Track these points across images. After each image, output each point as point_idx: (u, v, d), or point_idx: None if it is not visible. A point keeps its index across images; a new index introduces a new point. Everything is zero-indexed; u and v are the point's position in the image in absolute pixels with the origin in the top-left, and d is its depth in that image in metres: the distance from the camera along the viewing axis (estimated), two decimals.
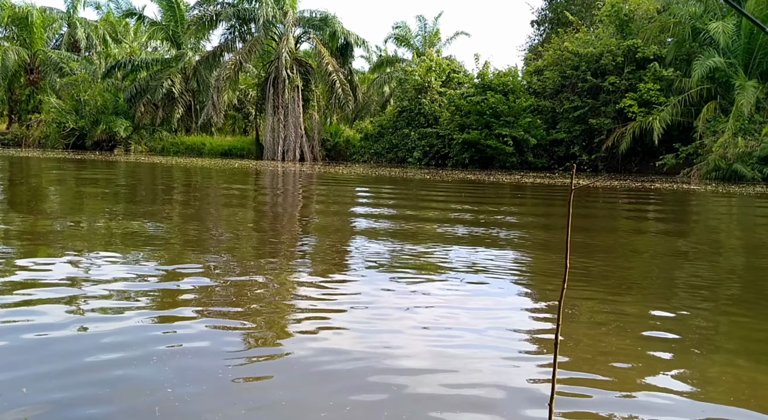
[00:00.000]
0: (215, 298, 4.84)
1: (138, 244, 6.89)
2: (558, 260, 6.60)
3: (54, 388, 3.03)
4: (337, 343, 3.79)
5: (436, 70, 34.04)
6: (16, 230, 7.85)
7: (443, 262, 6.26)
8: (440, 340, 3.99)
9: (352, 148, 35.86)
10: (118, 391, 3.03)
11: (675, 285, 5.73)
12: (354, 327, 4.15)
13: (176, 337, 3.81)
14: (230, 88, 34.79)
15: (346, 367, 3.41)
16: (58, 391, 2.97)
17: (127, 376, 3.22)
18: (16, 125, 42.25)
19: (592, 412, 2.92)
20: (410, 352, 3.69)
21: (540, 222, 10.99)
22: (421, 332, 4.12)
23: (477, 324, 4.31)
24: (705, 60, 25.42)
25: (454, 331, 4.16)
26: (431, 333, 4.10)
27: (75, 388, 3.02)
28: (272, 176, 22.32)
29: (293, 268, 6.00)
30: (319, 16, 35.00)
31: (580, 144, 30.10)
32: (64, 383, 3.06)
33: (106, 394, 2.98)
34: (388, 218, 10.41)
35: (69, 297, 4.69)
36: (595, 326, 4.28)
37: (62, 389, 3.00)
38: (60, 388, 3.01)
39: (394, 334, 4.02)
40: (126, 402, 2.91)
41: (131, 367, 3.33)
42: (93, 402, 2.90)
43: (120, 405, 2.91)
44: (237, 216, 10.33)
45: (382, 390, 3.12)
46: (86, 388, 3.05)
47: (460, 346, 3.85)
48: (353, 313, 4.45)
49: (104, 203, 11.25)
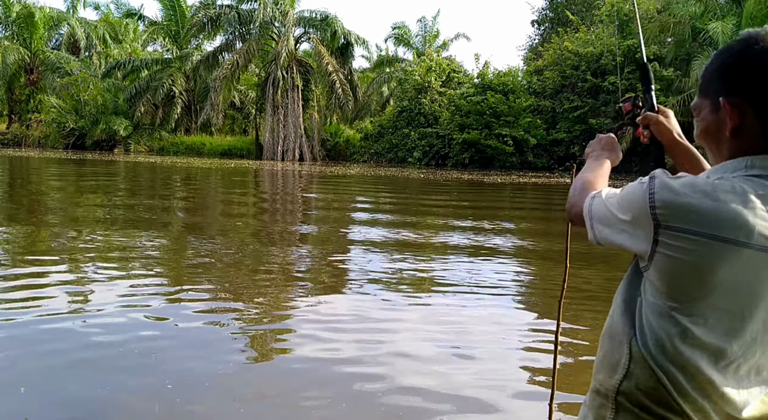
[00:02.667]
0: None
1: (128, 264, 6.86)
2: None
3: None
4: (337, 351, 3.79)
5: (436, 70, 33.99)
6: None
7: (443, 276, 6.19)
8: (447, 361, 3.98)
9: (352, 148, 35.80)
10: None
11: None
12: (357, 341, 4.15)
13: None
14: (228, 88, 34.69)
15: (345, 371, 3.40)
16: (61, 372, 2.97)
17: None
18: (16, 125, 42.19)
19: None
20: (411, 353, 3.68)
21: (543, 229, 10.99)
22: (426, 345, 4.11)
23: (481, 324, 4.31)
24: (704, 60, 25.42)
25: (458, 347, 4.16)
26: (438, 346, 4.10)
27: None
28: (267, 178, 22.29)
29: (288, 285, 6.00)
30: (320, 16, 34.93)
31: (580, 144, 30.07)
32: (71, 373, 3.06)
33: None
34: (387, 226, 10.41)
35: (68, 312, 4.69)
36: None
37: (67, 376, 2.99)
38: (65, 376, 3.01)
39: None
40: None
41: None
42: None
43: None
44: (231, 231, 10.32)
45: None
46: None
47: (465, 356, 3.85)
48: (356, 325, 4.44)
49: (101, 212, 11.24)
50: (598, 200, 1.13)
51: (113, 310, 4.29)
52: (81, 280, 5.20)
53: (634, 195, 1.03)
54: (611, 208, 1.08)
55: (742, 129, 1.04)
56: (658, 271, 0.99)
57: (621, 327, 1.04)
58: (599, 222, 1.10)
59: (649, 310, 1.01)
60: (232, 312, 4.45)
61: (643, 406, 0.99)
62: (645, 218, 1.00)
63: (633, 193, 1.04)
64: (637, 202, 1.02)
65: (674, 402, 0.96)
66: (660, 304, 0.99)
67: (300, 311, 4.54)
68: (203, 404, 2.90)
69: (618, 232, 1.06)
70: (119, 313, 4.26)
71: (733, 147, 1.06)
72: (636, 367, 1.00)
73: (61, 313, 4.20)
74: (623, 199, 1.06)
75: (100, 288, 4.97)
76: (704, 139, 1.13)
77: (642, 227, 1.01)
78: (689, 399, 0.96)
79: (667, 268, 0.98)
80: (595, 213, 1.11)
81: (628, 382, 1.01)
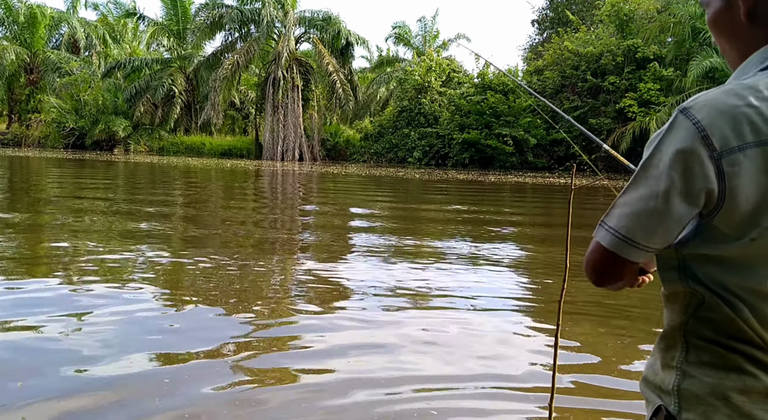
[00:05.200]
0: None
1: (124, 276, 6.87)
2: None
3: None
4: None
5: (436, 70, 33.99)
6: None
7: (443, 286, 6.16)
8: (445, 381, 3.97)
9: (352, 148, 35.80)
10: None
11: None
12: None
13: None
14: (228, 88, 34.68)
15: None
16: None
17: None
18: (16, 125, 42.17)
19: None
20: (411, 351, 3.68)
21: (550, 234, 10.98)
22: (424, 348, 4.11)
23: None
24: (702, 60, 25.40)
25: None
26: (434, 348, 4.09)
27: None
28: (265, 179, 22.30)
29: (289, 298, 5.99)
30: (322, 16, 34.93)
31: (580, 144, 30.06)
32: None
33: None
34: (386, 232, 10.40)
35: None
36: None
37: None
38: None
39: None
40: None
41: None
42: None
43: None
44: (227, 240, 10.31)
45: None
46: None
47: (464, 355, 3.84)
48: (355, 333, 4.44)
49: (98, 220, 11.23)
50: (614, 213, 0.92)
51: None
52: (67, 295, 5.18)
53: (671, 142, 0.86)
54: (635, 195, 0.89)
55: (758, 11, 0.88)
56: (731, 208, 0.85)
57: (674, 278, 0.95)
58: (634, 222, 0.89)
59: (697, 259, 0.91)
60: (229, 319, 4.44)
61: (713, 340, 0.92)
62: (698, 158, 0.84)
63: (669, 144, 0.86)
64: (679, 147, 0.85)
65: (745, 332, 0.89)
66: (713, 247, 0.89)
67: (300, 321, 4.53)
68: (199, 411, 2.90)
69: (668, 209, 0.86)
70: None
71: (751, 36, 0.90)
72: (700, 302, 0.92)
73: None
74: (650, 166, 0.88)
75: (88, 297, 4.96)
76: (717, 34, 0.96)
77: (697, 174, 0.84)
78: (758, 329, 0.89)
79: (741, 199, 0.84)
80: (622, 221, 0.90)
81: (694, 320, 0.93)
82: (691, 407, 0.92)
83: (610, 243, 0.91)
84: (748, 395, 0.89)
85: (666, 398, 0.95)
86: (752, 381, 0.89)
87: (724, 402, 0.90)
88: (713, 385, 0.91)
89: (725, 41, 0.95)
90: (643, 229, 0.89)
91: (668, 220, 0.87)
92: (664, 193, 0.86)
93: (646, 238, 0.89)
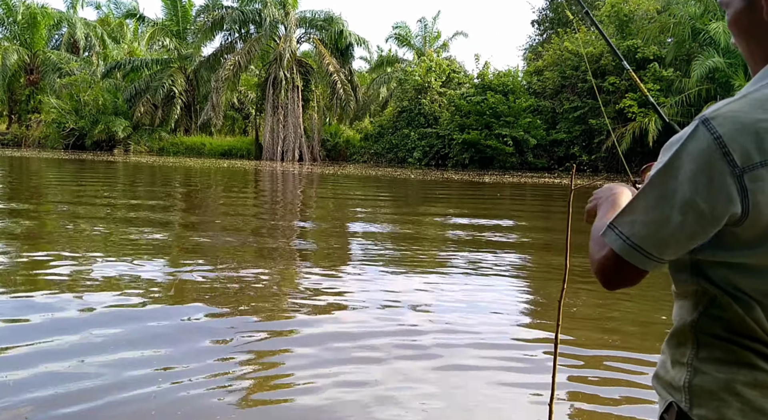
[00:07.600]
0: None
1: (120, 285, 6.86)
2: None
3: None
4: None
5: (436, 70, 33.97)
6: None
7: (443, 293, 6.16)
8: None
9: (352, 148, 35.78)
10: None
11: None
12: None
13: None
14: (229, 88, 34.67)
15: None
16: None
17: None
18: (16, 125, 42.17)
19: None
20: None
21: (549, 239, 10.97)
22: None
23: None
24: (704, 60, 25.39)
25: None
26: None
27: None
28: (262, 180, 22.30)
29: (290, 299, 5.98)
30: (323, 16, 34.92)
31: (580, 144, 30.06)
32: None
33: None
34: (386, 234, 10.39)
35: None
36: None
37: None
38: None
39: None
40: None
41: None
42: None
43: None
44: (224, 245, 10.31)
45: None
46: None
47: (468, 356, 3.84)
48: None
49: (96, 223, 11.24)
50: (626, 219, 0.90)
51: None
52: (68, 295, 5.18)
53: (689, 154, 0.83)
54: (650, 203, 0.87)
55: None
56: (754, 223, 0.83)
57: (687, 278, 0.95)
58: (646, 231, 0.87)
59: (711, 266, 0.91)
60: (229, 322, 4.44)
61: (724, 337, 0.92)
62: (720, 176, 0.81)
63: (687, 155, 0.82)
64: (699, 163, 0.81)
65: (755, 330, 0.90)
66: (730, 254, 0.88)
67: (300, 329, 4.53)
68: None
69: (683, 225, 0.84)
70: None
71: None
72: (712, 301, 0.92)
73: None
74: (668, 176, 0.84)
75: (84, 301, 4.96)
76: (738, 35, 0.93)
77: (718, 195, 0.82)
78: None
79: (765, 214, 0.82)
80: (634, 229, 0.88)
81: (705, 317, 0.93)
82: (703, 403, 0.92)
83: (621, 249, 0.90)
84: (759, 390, 0.90)
85: (677, 395, 0.96)
86: (764, 376, 0.90)
87: (736, 397, 0.90)
88: (726, 380, 0.91)
89: (746, 43, 0.91)
90: (654, 240, 0.87)
91: (681, 235, 0.86)
92: (681, 208, 0.84)
93: (658, 250, 0.88)
